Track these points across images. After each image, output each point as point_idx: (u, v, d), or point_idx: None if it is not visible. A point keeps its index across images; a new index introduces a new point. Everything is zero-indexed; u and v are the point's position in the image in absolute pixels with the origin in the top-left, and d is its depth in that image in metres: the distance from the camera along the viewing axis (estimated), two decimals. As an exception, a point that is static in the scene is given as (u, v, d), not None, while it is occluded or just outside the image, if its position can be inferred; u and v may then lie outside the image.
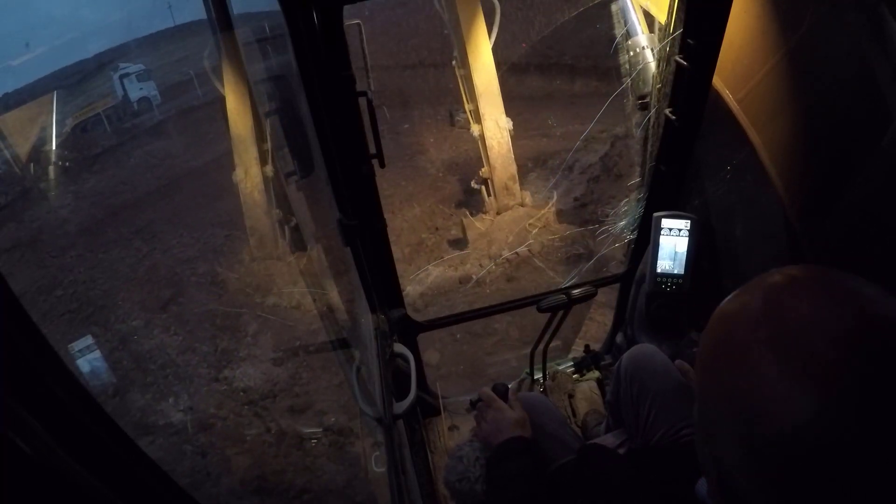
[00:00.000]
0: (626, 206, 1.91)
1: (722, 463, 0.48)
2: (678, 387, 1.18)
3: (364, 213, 1.38)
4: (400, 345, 1.53)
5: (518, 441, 1.03)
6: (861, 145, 1.10)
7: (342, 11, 1.09)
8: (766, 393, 0.42)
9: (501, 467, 1.00)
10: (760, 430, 0.42)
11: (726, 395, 0.46)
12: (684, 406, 1.13)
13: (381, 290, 1.58)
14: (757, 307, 0.46)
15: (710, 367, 0.49)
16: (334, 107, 1.19)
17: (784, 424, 0.41)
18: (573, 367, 2.04)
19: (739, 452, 0.45)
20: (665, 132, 1.54)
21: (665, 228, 1.55)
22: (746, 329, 0.45)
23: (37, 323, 0.38)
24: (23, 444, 0.34)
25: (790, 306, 0.44)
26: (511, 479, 0.96)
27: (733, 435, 0.45)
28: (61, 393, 0.39)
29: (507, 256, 4.50)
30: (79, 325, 5.41)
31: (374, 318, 1.54)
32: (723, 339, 0.48)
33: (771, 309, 0.45)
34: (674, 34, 1.37)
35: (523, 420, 1.09)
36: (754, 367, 0.43)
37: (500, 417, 1.09)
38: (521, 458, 1.00)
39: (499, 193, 4.95)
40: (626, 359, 1.28)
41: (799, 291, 0.45)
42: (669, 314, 1.62)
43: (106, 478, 0.40)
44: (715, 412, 0.47)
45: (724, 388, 0.46)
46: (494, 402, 1.13)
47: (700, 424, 0.52)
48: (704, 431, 0.51)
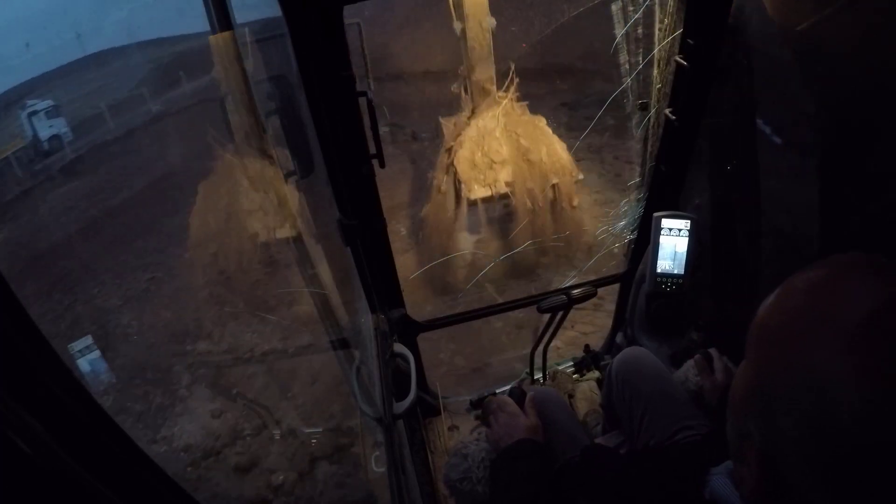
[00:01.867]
0: (626, 206, 1.91)
1: (774, 442, 0.47)
2: (669, 390, 1.18)
3: (364, 213, 1.38)
4: (400, 345, 1.53)
5: (529, 443, 1.01)
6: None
7: (342, 11, 1.09)
8: (839, 370, 0.41)
9: (509, 468, 0.98)
10: (827, 407, 0.42)
11: (800, 366, 0.45)
12: (676, 409, 1.13)
13: (381, 290, 1.58)
14: (842, 281, 0.46)
15: (781, 337, 0.48)
16: (334, 107, 1.19)
17: (850, 406, 0.40)
18: (573, 367, 2.04)
19: (802, 428, 0.43)
20: (665, 132, 1.54)
21: (665, 228, 1.55)
22: (829, 304, 0.45)
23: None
24: (23, 444, 0.34)
25: (875, 287, 0.44)
26: (517, 480, 0.94)
27: (799, 409, 0.44)
28: (61, 393, 0.39)
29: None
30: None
31: (374, 318, 1.54)
32: (801, 310, 0.47)
33: (857, 286, 0.45)
34: (674, 34, 1.37)
35: (536, 427, 1.06)
36: (833, 341, 0.43)
37: (513, 423, 1.06)
38: (530, 460, 0.98)
39: (475, 94, 4.79)
40: (616, 362, 1.28)
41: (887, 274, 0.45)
42: (669, 314, 1.62)
43: (106, 478, 0.40)
44: (782, 384, 0.46)
45: (798, 360, 0.45)
46: (509, 405, 1.11)
47: (749, 401, 0.50)
48: (761, 406, 0.48)
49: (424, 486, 1.47)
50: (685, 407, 1.14)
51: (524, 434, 1.03)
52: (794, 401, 0.44)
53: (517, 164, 4.54)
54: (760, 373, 0.49)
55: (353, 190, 1.33)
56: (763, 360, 0.49)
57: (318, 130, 1.21)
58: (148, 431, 4.13)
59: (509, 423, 1.06)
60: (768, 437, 0.47)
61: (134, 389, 4.58)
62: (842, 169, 1.16)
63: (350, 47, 1.15)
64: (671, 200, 1.66)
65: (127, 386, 4.67)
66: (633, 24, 1.66)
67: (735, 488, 0.58)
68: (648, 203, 1.72)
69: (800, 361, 0.44)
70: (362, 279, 1.47)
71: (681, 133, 1.50)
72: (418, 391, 1.42)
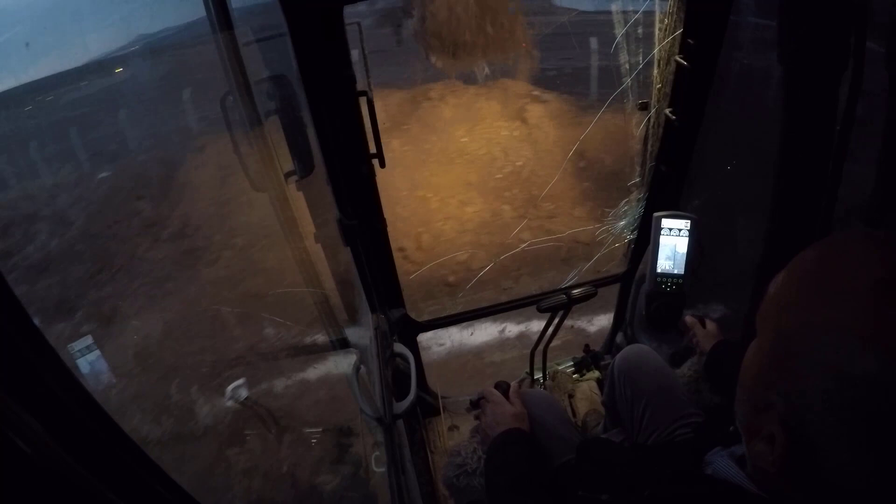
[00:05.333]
0: (627, 206, 1.91)
1: (800, 402, 0.47)
2: (672, 387, 1.19)
3: (364, 213, 1.38)
4: (400, 345, 1.53)
5: (516, 431, 1.06)
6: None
7: (343, 11, 1.09)
8: (857, 329, 0.43)
9: (499, 456, 1.02)
10: (851, 357, 0.42)
11: (819, 325, 0.46)
12: (678, 406, 1.14)
13: (381, 289, 1.58)
14: (848, 249, 0.48)
15: (797, 303, 0.49)
16: (334, 107, 1.19)
17: (877, 364, 0.41)
18: (573, 367, 2.04)
19: (828, 381, 0.44)
20: (665, 132, 1.54)
21: (665, 228, 1.55)
22: (855, 262, 0.46)
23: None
24: (23, 444, 0.34)
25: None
26: (509, 465, 0.98)
27: (824, 363, 0.44)
28: (61, 393, 0.39)
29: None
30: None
31: (374, 317, 1.54)
32: (813, 277, 0.48)
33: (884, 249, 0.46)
34: (674, 34, 1.37)
35: (522, 415, 1.12)
36: (846, 303, 0.44)
37: (499, 411, 1.12)
38: (518, 446, 1.03)
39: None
40: (619, 359, 1.28)
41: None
42: (669, 314, 1.62)
43: (106, 478, 0.40)
44: (804, 344, 0.47)
45: (816, 320, 0.46)
46: (494, 396, 1.17)
47: (770, 370, 0.51)
48: (784, 370, 0.49)
49: (424, 486, 1.47)
50: (684, 404, 1.15)
51: (511, 422, 1.08)
52: (818, 355, 0.45)
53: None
54: (780, 341, 0.50)
55: (353, 190, 1.33)
56: (783, 326, 0.50)
57: (318, 130, 1.21)
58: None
59: (496, 413, 1.12)
60: (794, 398, 0.48)
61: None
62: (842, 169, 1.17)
63: (350, 47, 1.15)
64: (671, 200, 1.66)
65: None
66: (632, 23, 1.66)
67: (738, 466, 0.59)
68: (648, 203, 1.72)
69: (817, 322, 0.46)
70: (362, 279, 1.47)
71: (681, 133, 1.50)
72: (418, 391, 1.43)
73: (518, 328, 3.20)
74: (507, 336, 3.18)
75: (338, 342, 2.06)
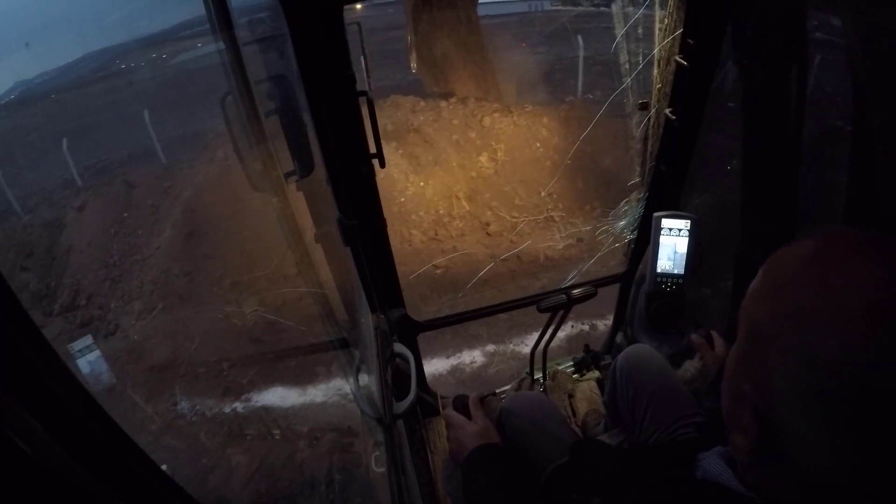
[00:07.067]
0: (627, 206, 1.91)
1: (768, 387, 0.47)
2: (674, 387, 1.18)
3: (364, 213, 1.38)
4: (400, 345, 1.53)
5: (483, 449, 0.98)
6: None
7: (343, 11, 1.09)
8: (831, 312, 0.43)
9: (473, 480, 0.96)
10: (815, 340, 0.43)
11: (785, 310, 0.46)
12: (680, 405, 1.14)
13: (381, 289, 1.58)
14: (828, 253, 0.47)
15: (770, 291, 0.50)
16: (334, 107, 1.19)
17: (839, 348, 0.41)
18: (573, 367, 2.04)
19: (792, 363, 0.44)
20: (665, 132, 1.54)
21: (665, 228, 1.55)
22: (819, 280, 0.46)
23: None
24: (23, 444, 0.34)
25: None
26: (488, 489, 0.92)
27: (790, 347, 0.45)
28: (61, 393, 0.39)
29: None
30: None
31: (374, 317, 1.54)
32: (789, 280, 0.48)
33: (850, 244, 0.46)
34: (674, 34, 1.37)
35: (485, 429, 1.04)
36: (825, 280, 0.44)
37: (461, 434, 1.04)
38: (490, 465, 0.96)
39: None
40: (621, 359, 1.28)
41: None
42: (669, 314, 1.62)
43: (106, 478, 0.40)
44: (771, 329, 0.47)
45: (784, 306, 0.46)
46: (452, 419, 1.09)
47: (743, 362, 0.52)
48: (754, 359, 0.50)
49: (424, 486, 1.47)
50: (687, 403, 1.14)
51: (475, 441, 1.01)
52: (785, 340, 0.45)
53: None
54: (752, 331, 0.50)
55: (353, 190, 1.33)
56: (754, 317, 0.51)
57: (318, 130, 1.21)
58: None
59: (457, 437, 1.05)
60: (762, 384, 0.48)
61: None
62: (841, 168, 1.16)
63: (350, 46, 1.15)
64: (671, 200, 1.66)
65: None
66: (632, 23, 1.66)
67: (727, 466, 0.58)
68: (648, 203, 1.72)
69: (785, 309, 0.46)
70: (362, 279, 1.47)
71: (681, 133, 1.50)
72: (418, 391, 1.42)
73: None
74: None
75: (338, 342, 2.06)
